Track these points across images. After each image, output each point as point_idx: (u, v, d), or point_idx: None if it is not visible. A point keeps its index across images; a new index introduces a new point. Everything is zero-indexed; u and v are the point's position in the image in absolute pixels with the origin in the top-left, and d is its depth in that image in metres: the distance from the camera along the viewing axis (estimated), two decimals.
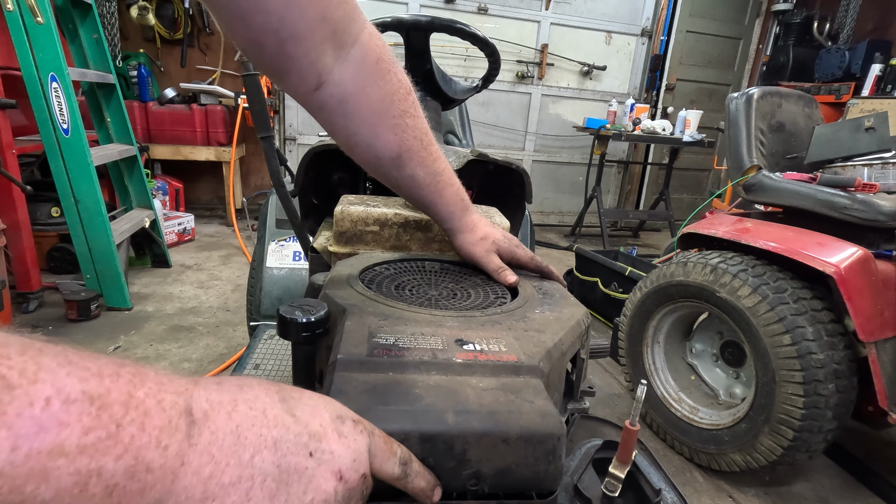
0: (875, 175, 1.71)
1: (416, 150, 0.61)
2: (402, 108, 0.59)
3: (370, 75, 0.57)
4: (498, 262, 0.67)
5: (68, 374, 0.23)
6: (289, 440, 0.30)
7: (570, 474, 0.49)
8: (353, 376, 0.40)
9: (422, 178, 0.63)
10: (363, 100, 0.57)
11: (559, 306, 0.59)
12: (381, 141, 0.59)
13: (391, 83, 0.58)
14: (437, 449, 0.36)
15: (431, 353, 0.44)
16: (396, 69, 0.59)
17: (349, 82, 0.55)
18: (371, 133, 0.59)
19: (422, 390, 0.39)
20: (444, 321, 0.51)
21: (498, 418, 0.37)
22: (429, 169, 0.63)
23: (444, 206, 0.66)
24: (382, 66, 0.57)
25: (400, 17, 1.08)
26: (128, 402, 0.24)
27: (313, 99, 0.56)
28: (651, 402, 1.78)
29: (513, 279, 0.65)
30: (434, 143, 0.63)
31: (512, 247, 0.69)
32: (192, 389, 0.28)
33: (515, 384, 0.41)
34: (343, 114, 0.57)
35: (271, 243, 1.72)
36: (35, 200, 2.51)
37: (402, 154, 0.60)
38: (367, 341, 0.44)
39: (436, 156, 0.63)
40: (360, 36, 0.56)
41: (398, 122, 0.59)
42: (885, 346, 1.41)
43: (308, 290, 0.65)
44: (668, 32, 4.69)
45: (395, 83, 0.59)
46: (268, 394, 0.32)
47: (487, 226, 0.69)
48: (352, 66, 0.55)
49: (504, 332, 0.50)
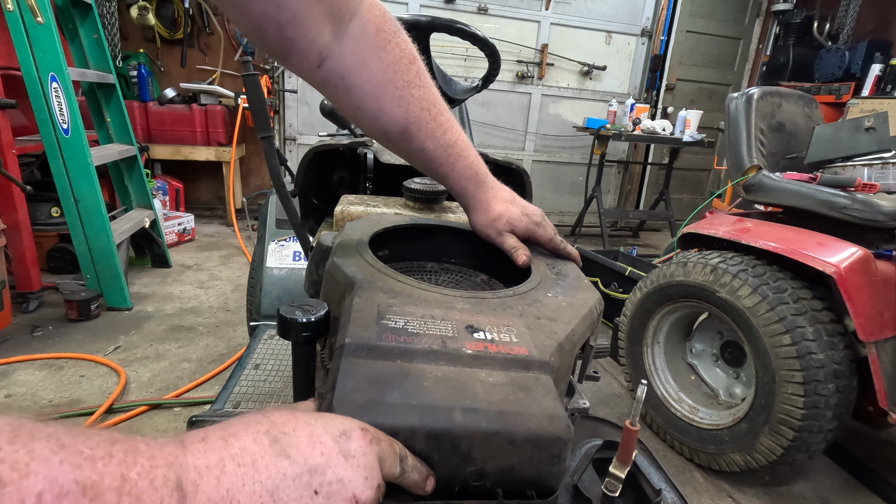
0: (875, 175, 1.71)
1: (423, 121, 0.59)
2: (407, 78, 0.58)
3: (370, 47, 0.56)
4: (511, 242, 0.64)
5: (61, 462, 0.22)
6: (287, 486, 0.28)
7: (571, 474, 0.49)
8: (361, 362, 0.39)
9: (432, 150, 0.61)
10: (364, 73, 0.56)
11: (573, 290, 0.58)
12: (385, 115, 0.58)
13: (392, 53, 0.57)
14: (442, 446, 0.36)
15: (441, 340, 0.43)
16: (399, 38, 0.58)
17: (349, 56, 0.55)
18: (375, 107, 0.57)
19: (430, 383, 0.38)
20: (455, 302, 0.50)
21: (506, 419, 0.37)
22: (439, 141, 0.61)
23: (456, 180, 0.63)
24: (382, 37, 0.56)
25: (400, 17, 1.08)
26: (121, 488, 0.24)
27: (316, 76, 0.56)
28: (651, 402, 1.78)
29: (523, 259, 0.62)
30: (445, 113, 0.61)
31: (530, 225, 0.65)
32: (181, 458, 0.27)
33: (525, 380, 0.41)
34: (346, 89, 0.57)
35: (271, 243, 1.72)
36: (35, 200, 2.51)
37: (408, 127, 0.59)
38: (377, 323, 0.43)
39: (446, 126, 0.61)
40: (360, 9, 0.55)
41: (402, 93, 0.57)
42: (885, 346, 1.41)
43: (316, 251, 0.62)
44: (668, 32, 4.69)
45: (396, 53, 0.57)
46: (256, 440, 0.30)
47: (503, 202, 0.65)
48: (351, 40, 0.55)
49: (516, 319, 0.49)
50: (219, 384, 1.83)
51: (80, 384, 1.81)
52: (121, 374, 1.84)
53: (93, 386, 1.80)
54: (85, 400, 1.71)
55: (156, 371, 1.92)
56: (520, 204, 0.67)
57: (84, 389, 1.77)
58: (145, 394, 1.79)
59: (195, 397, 1.78)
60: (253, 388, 1.30)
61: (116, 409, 1.67)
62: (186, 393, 1.80)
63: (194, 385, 1.84)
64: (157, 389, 1.81)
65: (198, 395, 1.80)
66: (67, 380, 1.83)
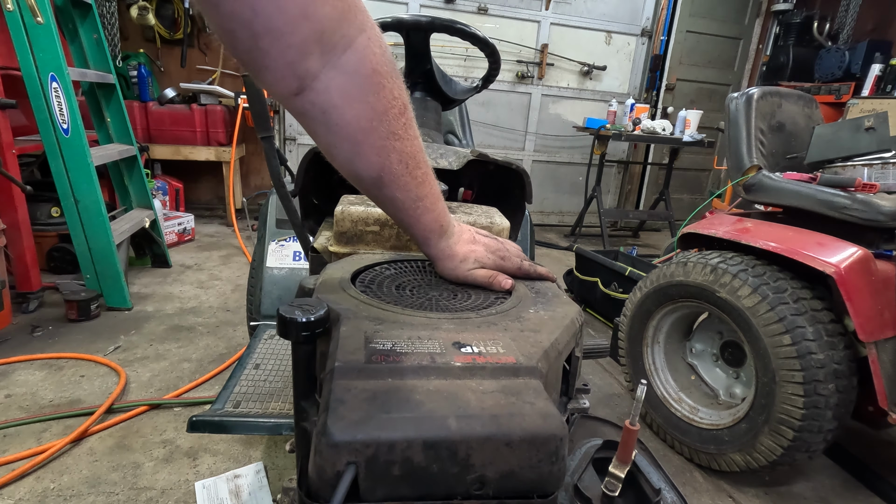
0: (875, 175, 1.71)
1: (399, 174, 0.56)
2: (392, 129, 0.54)
3: (360, 88, 0.51)
4: (484, 274, 0.65)
5: None
6: None
7: (570, 474, 0.49)
8: (352, 384, 0.40)
9: (401, 201, 0.59)
10: (348, 115, 0.52)
11: (553, 305, 0.59)
12: (363, 161, 0.55)
13: (384, 100, 0.53)
14: (440, 455, 0.36)
15: (430, 357, 0.44)
16: (393, 83, 0.54)
17: (335, 93, 0.50)
18: (353, 150, 0.54)
19: (422, 396, 0.39)
20: (440, 324, 0.51)
21: (500, 421, 0.37)
22: (411, 194, 0.58)
23: (421, 231, 0.62)
24: (376, 80, 0.52)
25: (400, 18, 1.08)
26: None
27: (294, 104, 0.51)
28: (651, 402, 1.78)
29: (508, 284, 0.64)
30: (422, 166, 0.59)
31: (497, 261, 0.67)
32: None
33: (515, 386, 0.41)
34: (325, 124, 0.52)
35: (271, 243, 1.72)
36: (35, 200, 2.51)
37: (382, 177, 0.56)
38: (364, 347, 0.44)
39: (421, 179, 0.58)
40: (357, 40, 0.50)
41: (384, 143, 0.54)
42: (885, 346, 1.41)
43: (298, 294, 0.64)
44: (668, 32, 4.69)
45: (388, 100, 0.53)
46: None
47: (466, 244, 0.66)
48: (340, 75, 0.50)
49: (501, 333, 0.50)
50: (219, 384, 1.83)
51: (80, 384, 1.81)
52: (121, 374, 1.84)
53: (93, 386, 1.80)
54: (85, 400, 1.71)
55: (156, 371, 1.92)
56: (482, 242, 0.67)
57: (84, 389, 1.78)
58: (145, 394, 1.79)
59: (195, 397, 1.78)
60: (253, 387, 1.30)
61: (116, 409, 1.67)
62: (186, 393, 1.80)
63: (194, 385, 1.84)
64: (157, 389, 1.81)
65: (198, 395, 1.80)
66: (67, 380, 1.83)
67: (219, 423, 1.14)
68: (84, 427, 1.54)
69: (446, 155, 0.95)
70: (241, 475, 1.41)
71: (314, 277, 0.64)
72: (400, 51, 1.08)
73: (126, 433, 1.58)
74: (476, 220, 0.84)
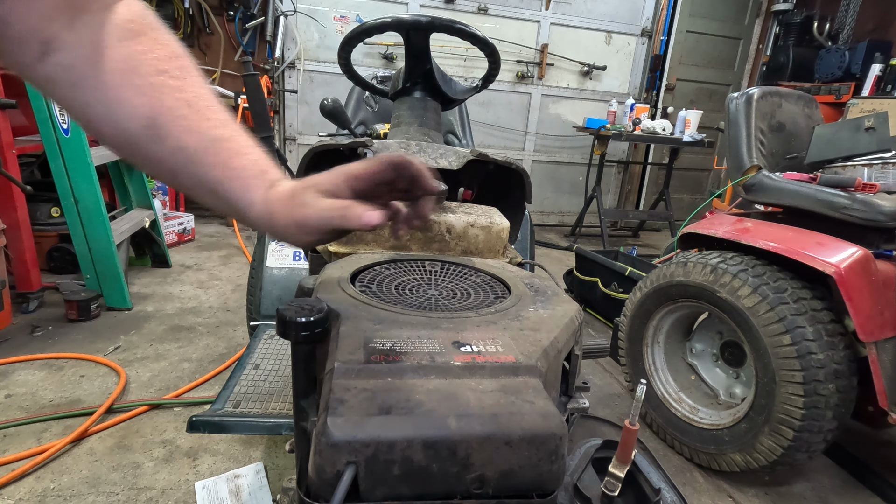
0: (875, 175, 1.71)
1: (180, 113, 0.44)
2: (160, 67, 0.44)
3: (113, 35, 0.43)
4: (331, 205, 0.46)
5: None
6: None
7: (570, 474, 0.49)
8: (352, 384, 0.40)
9: (193, 147, 0.44)
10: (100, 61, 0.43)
11: (552, 304, 0.59)
12: (125, 107, 0.43)
13: (144, 44, 0.44)
14: (440, 454, 0.36)
15: (429, 356, 0.44)
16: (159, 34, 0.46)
17: (84, 45, 0.42)
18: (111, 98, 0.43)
19: (422, 395, 0.39)
20: (440, 323, 0.51)
21: (500, 421, 0.37)
22: (205, 135, 0.45)
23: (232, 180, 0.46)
24: (133, 27, 0.44)
25: (400, 18, 1.08)
26: None
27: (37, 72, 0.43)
28: (651, 402, 1.78)
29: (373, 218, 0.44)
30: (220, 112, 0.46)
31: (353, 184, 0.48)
32: None
33: (515, 385, 0.41)
34: (72, 83, 0.43)
35: (271, 243, 1.72)
36: (35, 200, 2.51)
37: (156, 118, 0.44)
38: (364, 347, 0.44)
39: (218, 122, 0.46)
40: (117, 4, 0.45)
41: (152, 81, 0.44)
42: (885, 346, 1.41)
43: (298, 294, 0.64)
44: (668, 32, 4.69)
45: (151, 44, 0.45)
46: None
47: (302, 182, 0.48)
48: (90, 28, 0.43)
49: (500, 332, 0.50)
50: (219, 384, 1.83)
51: (80, 384, 1.81)
52: (121, 374, 1.84)
53: (93, 386, 1.80)
54: (85, 400, 1.71)
55: (156, 371, 1.92)
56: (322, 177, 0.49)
57: (84, 389, 1.78)
58: (145, 394, 1.79)
59: (195, 397, 1.78)
60: (253, 387, 1.30)
61: (116, 409, 1.67)
62: (186, 393, 1.80)
63: (194, 385, 1.84)
64: (157, 389, 1.81)
65: (198, 395, 1.80)
66: (67, 380, 1.83)
67: (219, 423, 1.14)
68: (84, 427, 1.54)
69: (446, 155, 0.95)
70: (241, 475, 1.41)
71: (314, 277, 0.65)
72: (400, 51, 1.08)
73: (126, 433, 1.58)
74: (476, 219, 0.84)
